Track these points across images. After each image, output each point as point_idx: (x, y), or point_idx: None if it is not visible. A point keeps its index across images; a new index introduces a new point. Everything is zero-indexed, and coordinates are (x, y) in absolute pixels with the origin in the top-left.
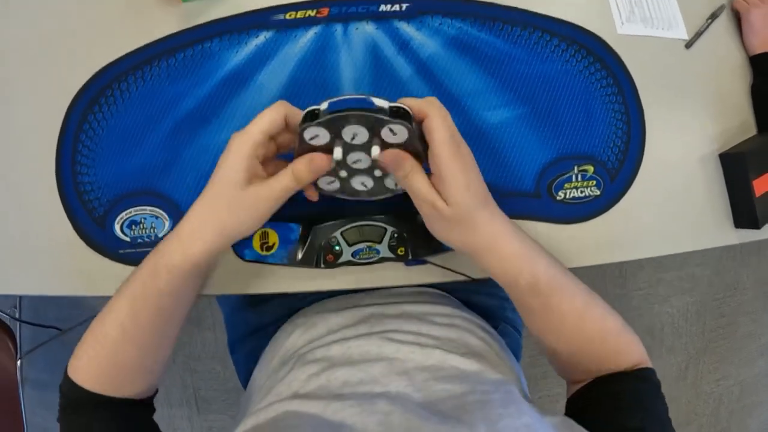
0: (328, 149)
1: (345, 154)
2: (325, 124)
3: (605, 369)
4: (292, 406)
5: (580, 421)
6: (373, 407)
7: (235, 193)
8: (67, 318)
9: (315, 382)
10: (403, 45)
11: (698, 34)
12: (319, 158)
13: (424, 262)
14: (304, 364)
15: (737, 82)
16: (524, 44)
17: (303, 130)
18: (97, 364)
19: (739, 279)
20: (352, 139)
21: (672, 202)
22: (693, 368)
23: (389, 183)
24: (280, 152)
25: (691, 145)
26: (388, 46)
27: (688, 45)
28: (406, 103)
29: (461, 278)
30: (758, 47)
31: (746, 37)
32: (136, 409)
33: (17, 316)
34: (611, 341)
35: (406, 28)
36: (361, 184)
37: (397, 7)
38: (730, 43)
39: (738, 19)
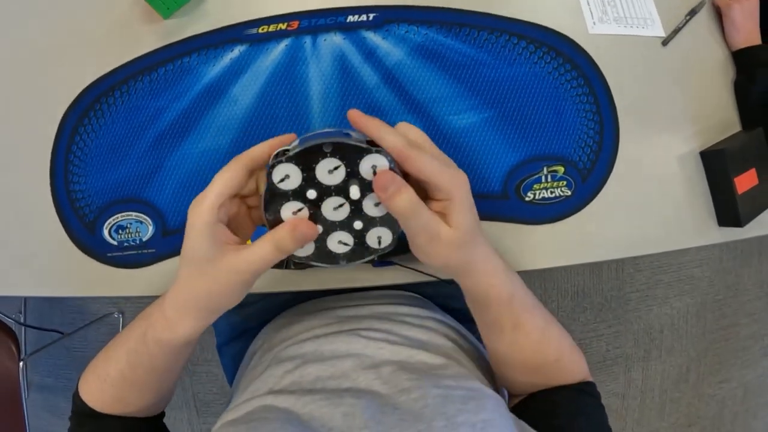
0: (301, 197)
1: (320, 198)
2: (296, 160)
3: (553, 384)
4: (266, 401)
5: None
6: (340, 400)
7: (208, 269)
8: (70, 322)
9: (288, 378)
10: (370, 54)
11: (676, 31)
12: (305, 225)
13: (392, 264)
14: (279, 362)
15: (718, 78)
16: (491, 48)
17: (271, 168)
18: (103, 394)
19: (740, 280)
20: (328, 178)
21: (650, 202)
22: (694, 370)
23: (371, 239)
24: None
25: (670, 144)
26: (354, 56)
27: (665, 42)
28: (383, 145)
29: (427, 278)
30: (740, 42)
31: (728, 33)
32: (145, 421)
33: (22, 320)
34: (564, 359)
35: (373, 38)
36: (338, 242)
37: (364, 17)
38: (710, 39)
39: (719, 14)
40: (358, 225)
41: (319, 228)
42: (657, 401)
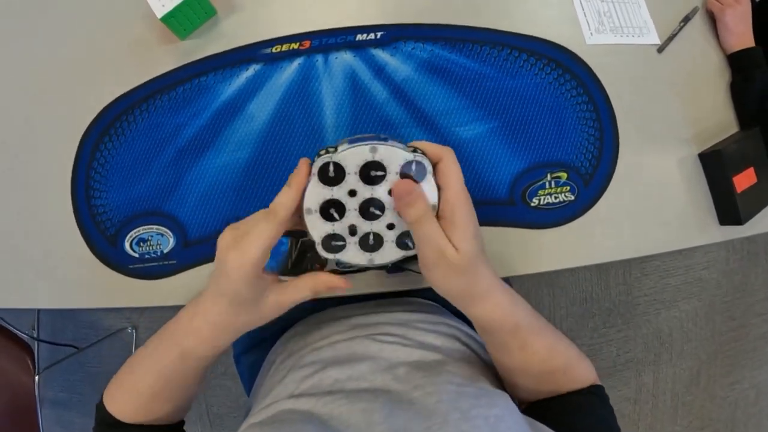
0: (335, 200)
1: (357, 194)
2: (342, 158)
3: (562, 392)
4: (287, 404)
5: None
6: (358, 399)
7: (252, 309)
8: (84, 338)
9: (308, 382)
10: (379, 70)
11: (670, 38)
12: (338, 282)
13: (404, 270)
14: (298, 368)
15: (714, 82)
16: (493, 62)
17: (317, 159)
18: (128, 406)
19: (748, 280)
20: (367, 179)
21: (652, 204)
22: (705, 372)
23: (403, 240)
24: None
25: (670, 148)
26: (364, 72)
27: (660, 49)
28: (421, 145)
29: None
30: (735, 45)
31: (722, 37)
32: (168, 428)
33: (35, 335)
34: (572, 371)
35: (382, 55)
36: (372, 243)
37: (372, 36)
38: (704, 44)
39: (712, 20)
40: (390, 225)
41: (352, 217)
42: (669, 405)
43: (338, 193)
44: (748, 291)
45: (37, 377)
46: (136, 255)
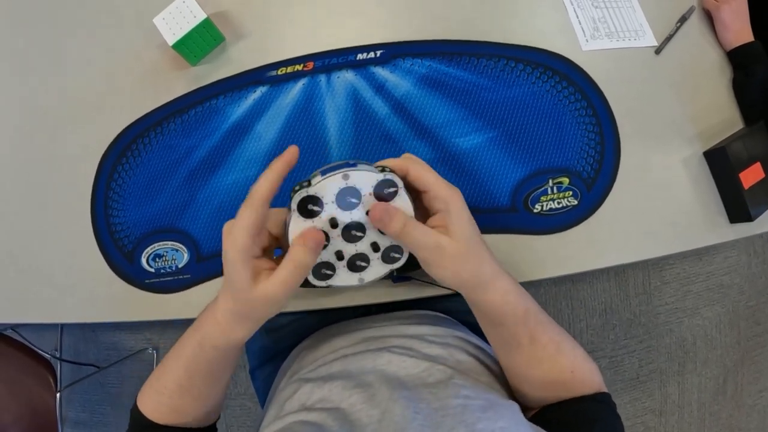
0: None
1: (337, 224)
2: (316, 190)
3: (569, 396)
4: (298, 417)
5: None
6: (369, 405)
7: (244, 297)
8: (105, 359)
9: (318, 394)
10: (380, 87)
11: (668, 39)
12: (311, 233)
13: (410, 279)
14: (308, 381)
15: (715, 79)
16: (490, 73)
17: (294, 195)
18: (160, 406)
19: None
20: (345, 206)
21: (658, 205)
22: (732, 380)
23: (386, 257)
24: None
25: (673, 148)
26: (366, 90)
27: (658, 51)
28: (386, 163)
29: (446, 292)
30: (733, 42)
31: (720, 34)
32: (200, 431)
33: (58, 355)
34: (578, 372)
35: (382, 72)
36: (357, 264)
37: (372, 54)
38: (702, 42)
39: (709, 18)
40: (374, 244)
41: (337, 243)
42: (696, 416)
43: (319, 223)
44: None
45: (58, 395)
46: (152, 270)
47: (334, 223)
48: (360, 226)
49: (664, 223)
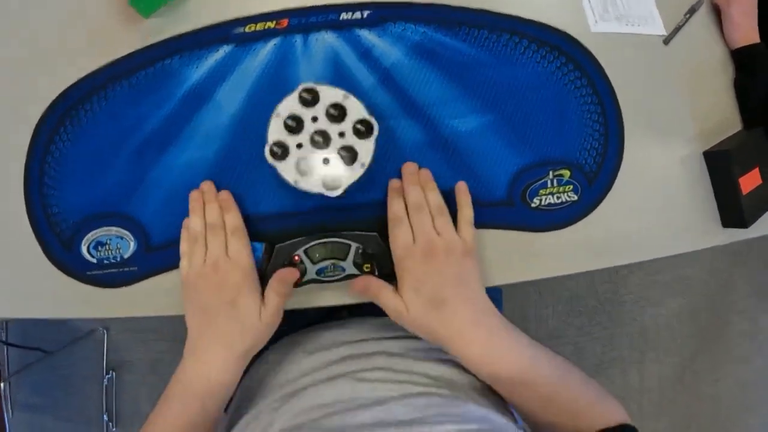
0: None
1: (318, 121)
2: (321, 89)
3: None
4: None
5: None
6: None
7: (259, 327)
8: (54, 338)
9: (303, 417)
10: (365, 53)
11: (677, 30)
12: (286, 272)
13: (394, 278)
14: (275, 410)
15: (720, 77)
16: (492, 48)
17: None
18: None
19: (732, 278)
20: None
21: (655, 205)
22: (690, 369)
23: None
24: None
25: (674, 144)
26: (349, 56)
27: (667, 41)
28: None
29: None
30: (739, 41)
31: (726, 31)
32: None
33: (3, 338)
34: (583, 402)
35: (368, 36)
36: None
37: (358, 15)
38: (709, 37)
39: (717, 13)
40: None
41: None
42: (655, 402)
43: (306, 114)
44: (732, 288)
45: (2, 384)
46: (94, 260)
47: (314, 119)
48: (328, 137)
49: (659, 224)
